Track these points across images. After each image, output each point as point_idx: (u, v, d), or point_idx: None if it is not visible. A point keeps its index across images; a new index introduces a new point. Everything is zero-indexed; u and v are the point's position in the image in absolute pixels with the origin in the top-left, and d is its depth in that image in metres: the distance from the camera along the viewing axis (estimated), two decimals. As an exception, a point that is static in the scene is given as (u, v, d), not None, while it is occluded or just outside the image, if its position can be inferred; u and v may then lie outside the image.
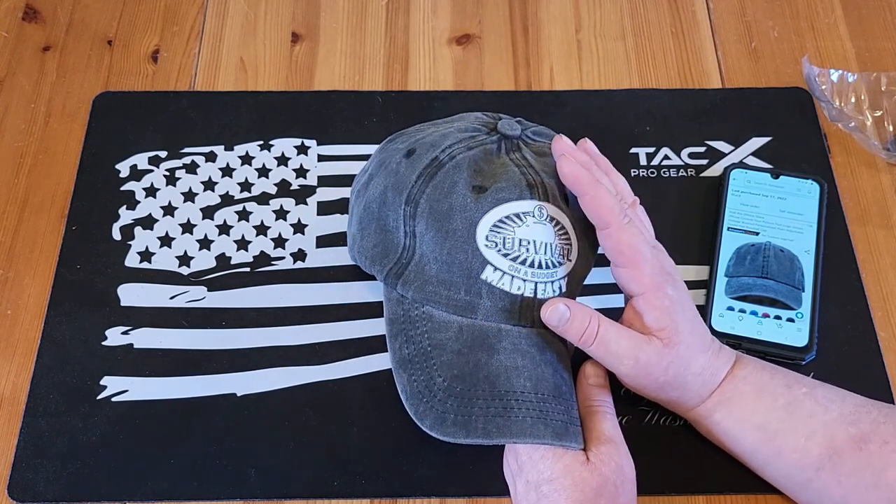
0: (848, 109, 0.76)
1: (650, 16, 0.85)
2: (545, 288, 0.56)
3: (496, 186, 0.56)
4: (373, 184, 0.61)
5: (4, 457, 0.62)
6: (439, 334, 0.56)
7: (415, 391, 0.55)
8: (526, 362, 0.55)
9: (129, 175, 0.74)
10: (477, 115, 0.62)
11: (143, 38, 0.83)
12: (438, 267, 0.56)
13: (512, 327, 0.56)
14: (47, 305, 0.68)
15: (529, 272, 0.56)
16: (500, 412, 0.53)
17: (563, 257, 0.57)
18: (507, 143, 0.59)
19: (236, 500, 0.61)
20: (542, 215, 0.56)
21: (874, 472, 0.53)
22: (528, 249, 0.56)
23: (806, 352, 0.64)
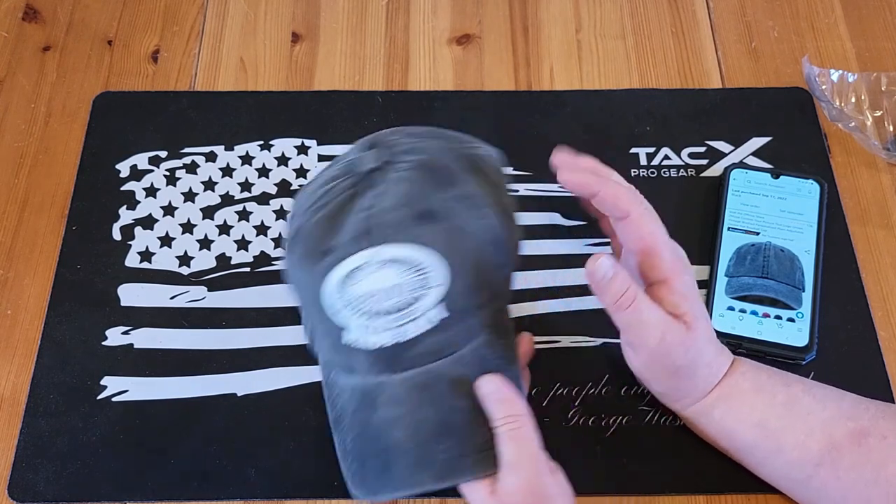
0: (848, 109, 0.76)
1: (650, 16, 0.85)
2: (408, 328, 0.53)
3: (331, 251, 0.54)
4: None
5: (4, 457, 0.62)
6: (343, 397, 0.56)
7: (339, 454, 0.56)
8: (403, 411, 0.53)
9: (130, 175, 0.74)
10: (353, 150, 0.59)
11: (143, 38, 0.83)
12: (319, 337, 0.57)
13: (389, 377, 0.54)
14: (47, 305, 0.68)
15: (382, 322, 0.53)
16: (384, 468, 0.53)
17: (421, 289, 0.53)
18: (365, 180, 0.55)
19: (236, 500, 0.61)
20: (374, 263, 0.53)
21: (874, 468, 0.53)
22: (371, 303, 0.53)
23: (806, 352, 0.64)
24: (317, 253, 0.55)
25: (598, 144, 0.75)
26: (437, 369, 0.54)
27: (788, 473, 0.56)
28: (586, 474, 0.60)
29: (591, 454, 0.62)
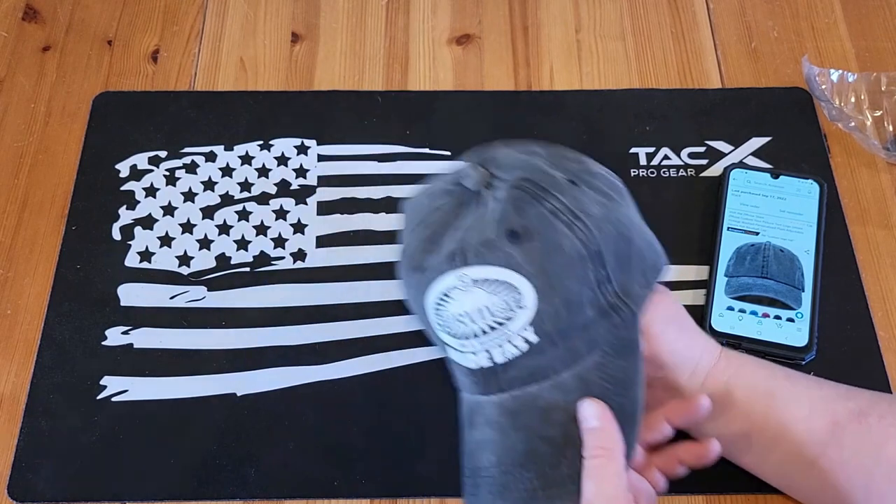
0: (848, 109, 0.76)
1: (650, 16, 0.85)
2: (502, 350, 0.52)
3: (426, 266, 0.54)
4: None
5: (4, 457, 0.62)
6: (460, 408, 0.56)
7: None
8: (494, 434, 0.52)
9: (129, 175, 0.74)
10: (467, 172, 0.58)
11: (143, 38, 0.83)
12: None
13: (484, 398, 0.54)
14: (47, 305, 0.68)
15: (476, 343, 0.53)
16: (473, 490, 0.53)
17: (509, 311, 0.52)
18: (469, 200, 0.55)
19: (236, 500, 0.61)
20: (465, 284, 0.53)
21: (875, 447, 0.54)
22: (464, 323, 0.53)
23: (806, 352, 0.64)
24: (417, 269, 0.55)
25: (598, 144, 0.75)
26: (531, 394, 0.53)
27: (798, 455, 0.55)
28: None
29: (591, 454, 0.62)
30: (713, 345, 0.59)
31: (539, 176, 0.55)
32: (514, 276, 0.52)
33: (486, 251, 0.52)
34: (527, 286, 0.52)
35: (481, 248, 0.52)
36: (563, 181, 0.55)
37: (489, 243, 0.52)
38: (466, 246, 0.53)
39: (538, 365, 0.52)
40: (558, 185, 0.54)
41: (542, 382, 0.53)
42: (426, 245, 0.55)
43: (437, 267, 0.54)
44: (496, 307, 0.52)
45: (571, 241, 0.53)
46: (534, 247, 0.52)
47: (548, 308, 0.52)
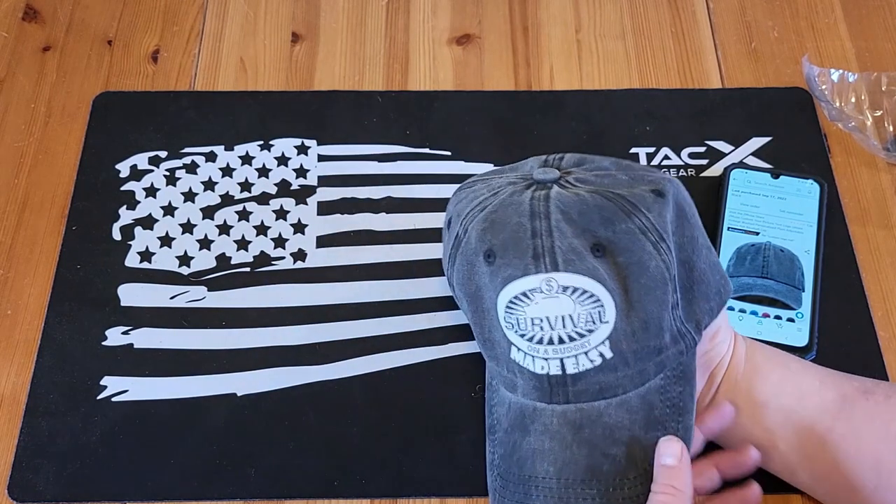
0: (848, 109, 0.76)
1: (650, 16, 0.85)
2: (576, 361, 0.52)
3: (504, 259, 0.52)
4: None
5: (4, 457, 0.62)
6: (499, 409, 0.56)
7: (487, 462, 0.56)
8: (554, 445, 0.51)
9: (129, 175, 0.74)
10: (533, 164, 0.58)
11: (143, 38, 0.83)
12: (484, 344, 0.56)
13: (546, 406, 0.53)
14: (47, 305, 0.68)
15: (550, 349, 0.52)
16: (522, 498, 0.52)
17: (591, 323, 0.51)
18: (538, 185, 0.54)
19: (236, 500, 0.61)
20: (550, 289, 0.51)
21: (883, 423, 0.54)
22: (541, 328, 0.51)
23: (806, 352, 0.64)
24: (486, 257, 0.53)
25: (598, 144, 0.75)
26: (597, 409, 0.52)
27: (812, 426, 0.55)
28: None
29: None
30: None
31: (622, 189, 0.53)
32: (601, 289, 0.51)
33: (577, 259, 0.51)
34: (610, 301, 0.51)
35: (572, 254, 0.51)
36: (647, 194, 0.53)
37: (578, 251, 0.51)
38: (557, 249, 0.51)
39: (608, 381, 0.52)
40: (644, 200, 0.53)
41: (609, 399, 0.52)
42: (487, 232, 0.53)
43: (518, 264, 0.52)
44: (580, 318, 0.51)
45: (657, 262, 0.52)
46: (620, 263, 0.51)
47: (626, 327, 0.51)
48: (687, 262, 0.54)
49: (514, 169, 0.58)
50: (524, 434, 0.53)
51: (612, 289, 0.51)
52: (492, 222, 0.53)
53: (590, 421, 0.52)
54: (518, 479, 0.52)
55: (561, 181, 0.54)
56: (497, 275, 0.52)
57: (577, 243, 0.51)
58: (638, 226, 0.52)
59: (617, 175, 0.55)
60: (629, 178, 0.55)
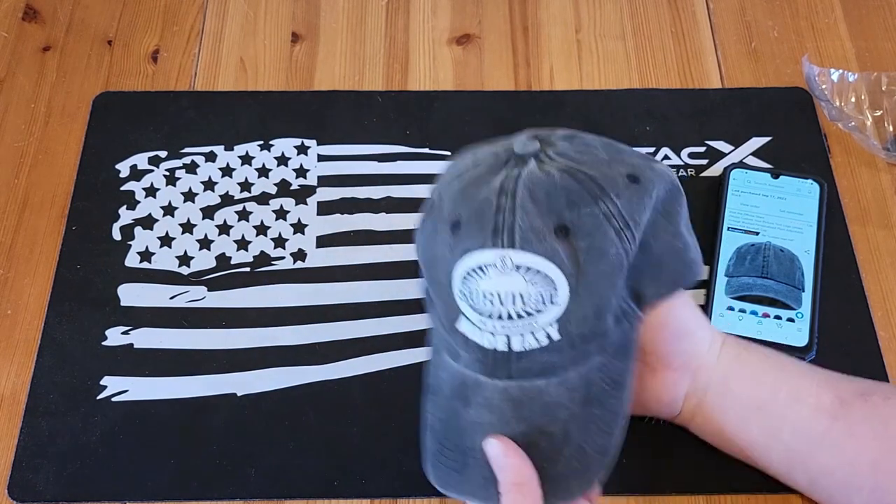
0: (848, 109, 0.76)
1: (650, 16, 0.85)
2: (522, 339, 0.52)
3: (466, 230, 0.52)
4: None
5: (4, 457, 0.62)
6: (442, 373, 0.56)
7: (424, 423, 0.56)
8: (493, 419, 0.52)
9: (129, 175, 0.74)
10: (524, 135, 0.57)
11: (143, 38, 0.83)
12: (439, 309, 0.56)
13: (488, 380, 0.53)
14: (47, 305, 0.68)
15: (498, 325, 0.52)
16: (459, 467, 0.52)
17: (541, 304, 0.51)
18: (516, 159, 0.54)
19: (236, 500, 0.61)
20: (504, 266, 0.51)
21: (882, 423, 0.54)
22: (492, 303, 0.51)
23: (806, 352, 0.64)
24: (453, 226, 0.53)
25: (598, 144, 0.75)
26: (538, 388, 0.52)
27: (807, 429, 0.55)
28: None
29: (591, 454, 0.62)
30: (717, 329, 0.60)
31: (595, 171, 0.53)
32: (555, 270, 0.51)
33: (535, 238, 0.51)
34: (564, 284, 0.51)
35: (530, 233, 0.51)
36: (620, 178, 0.53)
37: (538, 230, 0.51)
38: (517, 227, 0.51)
39: (551, 361, 0.52)
40: (614, 183, 0.53)
41: (550, 378, 0.52)
42: (459, 202, 0.53)
43: (478, 237, 0.52)
44: (530, 297, 0.51)
45: (617, 249, 0.52)
46: (580, 247, 0.51)
47: (577, 310, 0.52)
48: (644, 243, 0.54)
49: (504, 140, 0.58)
50: (465, 405, 0.53)
51: (569, 273, 0.51)
52: (463, 194, 0.53)
53: (530, 399, 0.52)
54: (456, 448, 0.53)
55: (540, 154, 0.53)
56: (458, 245, 0.52)
57: (540, 223, 0.51)
58: (603, 211, 0.52)
59: (598, 153, 0.54)
60: (609, 159, 0.54)
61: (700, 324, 0.58)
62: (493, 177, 0.53)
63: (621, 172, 0.53)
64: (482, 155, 0.56)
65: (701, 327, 0.58)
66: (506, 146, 0.55)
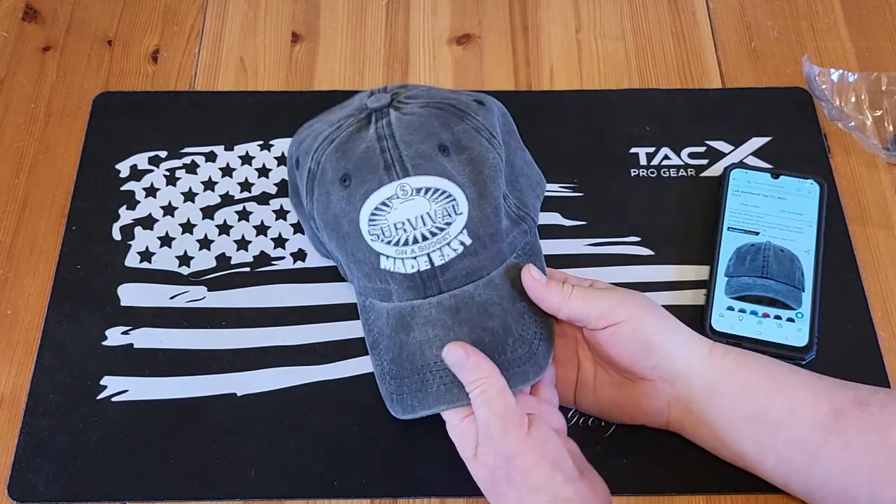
0: (848, 109, 0.76)
1: (650, 16, 0.85)
2: (441, 253, 0.57)
3: (358, 179, 0.58)
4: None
5: (4, 457, 0.62)
6: (379, 321, 0.60)
7: (377, 374, 0.59)
8: (437, 331, 0.56)
9: (129, 175, 0.74)
10: (361, 96, 0.64)
11: (143, 38, 0.83)
12: (353, 264, 0.60)
13: (422, 301, 0.58)
14: (47, 305, 0.68)
15: (416, 248, 0.57)
16: (420, 386, 0.56)
17: (448, 216, 0.57)
18: (375, 115, 0.60)
19: (236, 500, 0.61)
20: (406, 193, 0.57)
21: (878, 433, 0.54)
22: (405, 230, 0.57)
23: (806, 352, 0.64)
24: (342, 183, 0.58)
25: (598, 144, 0.75)
26: (468, 292, 0.58)
27: (802, 441, 0.55)
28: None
29: (591, 454, 0.61)
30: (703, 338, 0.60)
31: (451, 100, 0.61)
32: (450, 185, 0.58)
33: (423, 162, 0.57)
34: (461, 194, 0.58)
35: (418, 159, 0.57)
36: (471, 102, 0.62)
37: (425, 155, 0.58)
38: (405, 157, 0.57)
39: (472, 266, 0.58)
40: (470, 106, 0.61)
41: (477, 282, 0.58)
42: (341, 160, 0.59)
43: (372, 179, 0.57)
44: (436, 214, 0.57)
45: (493, 154, 0.60)
46: (464, 159, 0.59)
47: (479, 214, 0.58)
48: (508, 160, 0.62)
49: (343, 107, 0.64)
50: (408, 331, 0.57)
51: (462, 183, 0.58)
52: (343, 151, 0.59)
53: (464, 303, 0.57)
54: (412, 372, 0.57)
55: (394, 103, 0.61)
56: (355, 194, 0.58)
57: (424, 148, 0.58)
58: (472, 126, 0.60)
59: (440, 91, 0.63)
60: (450, 93, 0.63)
61: (672, 340, 0.58)
62: (364, 132, 0.60)
63: (468, 99, 0.62)
64: (335, 118, 0.62)
65: (673, 343, 0.58)
66: (356, 107, 0.62)
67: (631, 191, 0.73)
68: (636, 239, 0.71)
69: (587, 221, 0.71)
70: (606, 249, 0.70)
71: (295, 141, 0.66)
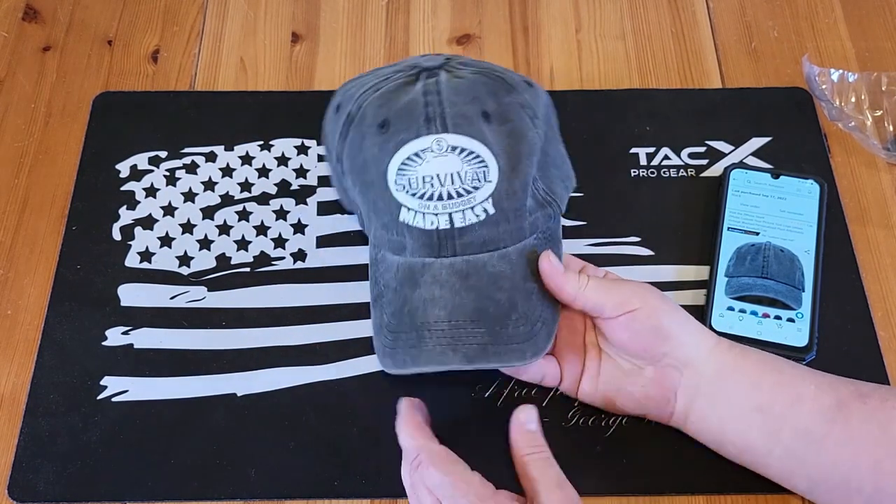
0: (848, 109, 0.76)
1: (650, 16, 0.85)
2: (463, 216, 0.58)
3: (397, 126, 0.58)
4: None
5: (4, 457, 0.63)
6: (387, 274, 0.60)
7: (374, 328, 0.60)
8: (444, 292, 0.57)
9: (129, 175, 0.74)
10: (415, 56, 0.65)
11: (143, 38, 0.83)
12: (375, 215, 0.61)
13: (435, 259, 0.58)
14: (47, 305, 0.68)
15: (440, 205, 0.58)
16: (415, 343, 0.57)
17: (477, 181, 0.58)
18: (426, 73, 0.61)
19: (236, 500, 0.61)
20: (441, 147, 0.58)
21: (879, 425, 0.54)
22: (432, 185, 0.58)
23: (806, 352, 0.64)
24: (380, 127, 0.59)
25: (598, 144, 0.75)
26: (482, 260, 0.58)
27: (807, 432, 0.55)
28: (586, 474, 0.59)
29: (591, 454, 0.62)
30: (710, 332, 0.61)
31: (502, 73, 0.62)
32: (485, 150, 0.58)
33: (464, 122, 0.58)
34: (494, 163, 0.58)
35: (459, 118, 0.58)
36: (521, 81, 0.63)
37: (467, 116, 0.58)
38: (447, 114, 0.58)
39: (491, 236, 0.58)
40: (519, 84, 0.62)
41: (492, 252, 0.59)
42: (383, 107, 0.59)
43: (411, 128, 0.58)
44: (467, 175, 0.58)
45: (533, 133, 0.60)
46: (504, 130, 0.59)
47: (507, 186, 0.59)
48: (544, 148, 0.62)
49: (395, 64, 0.64)
50: (414, 287, 0.58)
51: (497, 152, 0.58)
52: (387, 98, 0.60)
53: (476, 270, 0.58)
54: (410, 328, 0.57)
55: (446, 66, 0.61)
56: (390, 141, 0.58)
57: (468, 110, 0.58)
58: (518, 101, 0.61)
59: (492, 64, 0.63)
60: (502, 68, 0.64)
61: (684, 328, 0.58)
62: (412, 86, 0.60)
63: (519, 78, 0.63)
64: (385, 72, 0.62)
65: (685, 332, 0.58)
66: (408, 64, 0.62)
67: (631, 191, 0.73)
68: (636, 239, 0.71)
69: (587, 221, 0.71)
70: (606, 249, 0.70)
71: (340, 90, 0.66)
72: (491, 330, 0.57)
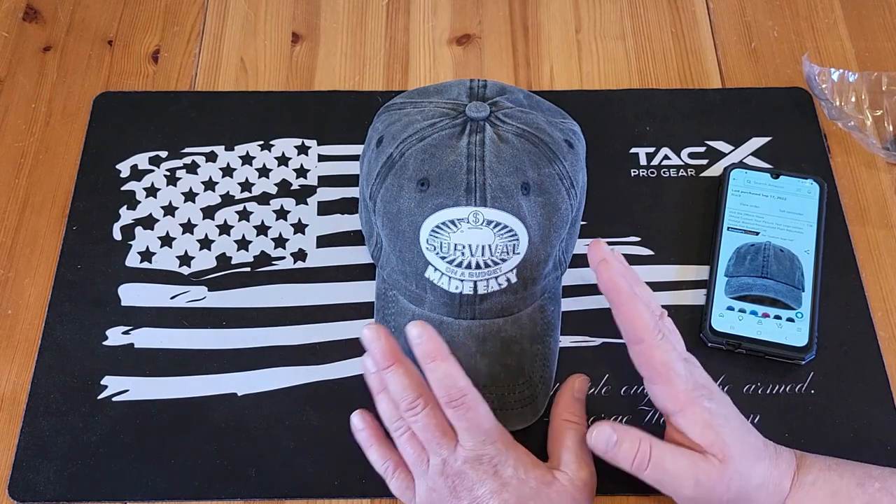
0: (848, 109, 0.76)
1: (650, 16, 0.85)
2: (487, 284, 0.59)
3: (437, 189, 0.58)
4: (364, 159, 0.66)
5: (5, 457, 0.63)
6: (400, 318, 0.62)
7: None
8: (460, 355, 0.56)
9: (130, 175, 0.75)
10: (459, 90, 0.63)
11: (143, 38, 0.83)
12: (396, 259, 0.62)
13: (453, 320, 0.60)
14: (48, 305, 0.68)
15: (467, 273, 0.59)
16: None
17: (506, 254, 0.59)
18: (473, 124, 0.60)
19: (236, 500, 0.61)
20: (477, 221, 0.58)
21: None
22: (463, 253, 0.58)
23: (806, 351, 0.64)
24: (420, 184, 0.59)
25: (598, 144, 0.75)
26: (497, 325, 0.60)
27: None
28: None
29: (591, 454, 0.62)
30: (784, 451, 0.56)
31: (545, 136, 0.60)
32: (519, 225, 0.59)
33: (504, 197, 0.58)
34: (525, 236, 0.59)
35: (500, 192, 0.58)
36: (563, 143, 0.61)
37: (507, 190, 0.58)
38: (488, 186, 0.58)
39: (508, 302, 0.60)
40: (561, 148, 0.61)
41: (507, 317, 0.60)
42: (426, 162, 0.59)
43: (450, 194, 0.58)
44: (497, 248, 0.59)
45: (567, 204, 0.61)
46: (540, 202, 0.59)
47: (534, 258, 0.60)
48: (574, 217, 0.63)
49: (439, 92, 0.63)
50: None
51: (530, 225, 0.59)
52: (431, 154, 0.59)
53: (490, 335, 0.60)
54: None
55: (492, 118, 0.60)
56: (427, 202, 0.58)
57: (508, 182, 0.58)
58: (557, 172, 0.60)
59: (537, 117, 0.61)
60: (547, 122, 0.62)
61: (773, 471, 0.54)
62: (456, 141, 0.59)
63: (561, 138, 0.61)
64: (430, 111, 0.61)
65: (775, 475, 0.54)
66: (452, 102, 0.61)
67: (631, 191, 0.73)
68: (636, 239, 0.71)
69: (587, 221, 0.71)
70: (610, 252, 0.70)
71: (384, 117, 0.64)
72: (499, 395, 0.59)
